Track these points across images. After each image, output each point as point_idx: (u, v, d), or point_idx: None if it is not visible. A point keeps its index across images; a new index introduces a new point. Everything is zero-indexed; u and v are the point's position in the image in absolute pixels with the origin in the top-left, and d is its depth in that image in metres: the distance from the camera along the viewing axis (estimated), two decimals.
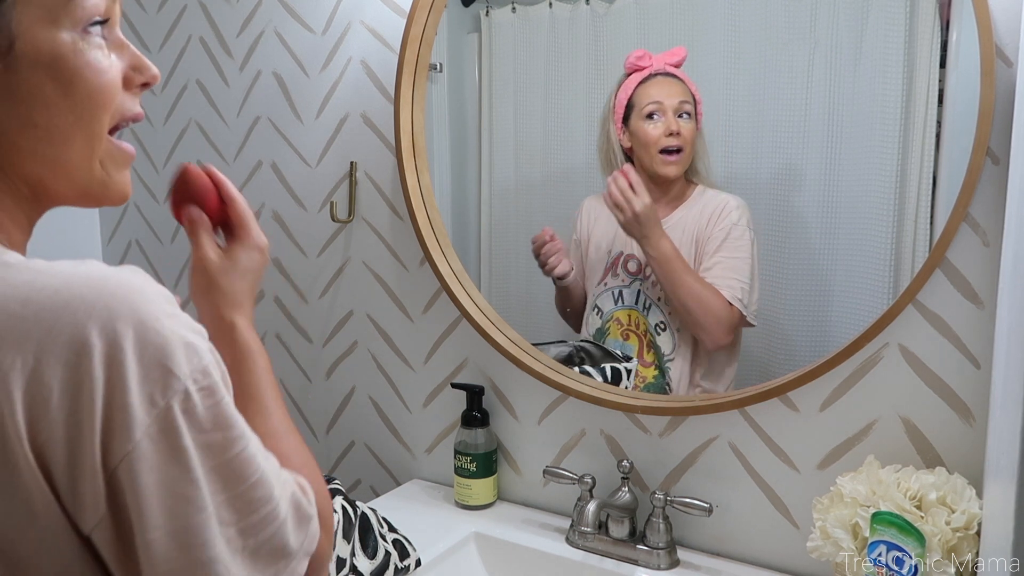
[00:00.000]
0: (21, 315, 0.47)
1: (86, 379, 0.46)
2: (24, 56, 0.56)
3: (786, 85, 1.14)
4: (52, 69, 0.57)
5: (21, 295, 0.48)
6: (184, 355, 0.50)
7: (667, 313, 1.25)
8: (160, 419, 0.48)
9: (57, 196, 0.62)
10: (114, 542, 0.49)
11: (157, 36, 1.69)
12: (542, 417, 1.32)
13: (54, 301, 0.47)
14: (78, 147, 0.60)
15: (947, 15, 1.02)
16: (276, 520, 0.55)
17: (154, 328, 0.49)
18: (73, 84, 0.58)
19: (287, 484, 0.58)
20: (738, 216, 1.20)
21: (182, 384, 0.49)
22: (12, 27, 0.55)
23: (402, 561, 1.13)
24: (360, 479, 1.57)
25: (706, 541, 1.20)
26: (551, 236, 1.33)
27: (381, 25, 1.40)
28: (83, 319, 0.47)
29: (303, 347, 1.60)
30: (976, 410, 1.01)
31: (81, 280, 0.49)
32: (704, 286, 1.20)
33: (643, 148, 1.22)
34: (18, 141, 0.58)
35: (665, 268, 1.21)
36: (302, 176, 1.54)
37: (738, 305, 1.19)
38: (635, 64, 1.22)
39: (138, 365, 0.48)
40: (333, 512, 0.62)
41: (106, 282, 0.49)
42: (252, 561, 0.53)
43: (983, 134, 0.94)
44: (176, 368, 0.49)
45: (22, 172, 0.59)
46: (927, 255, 1.01)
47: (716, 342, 1.22)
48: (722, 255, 1.21)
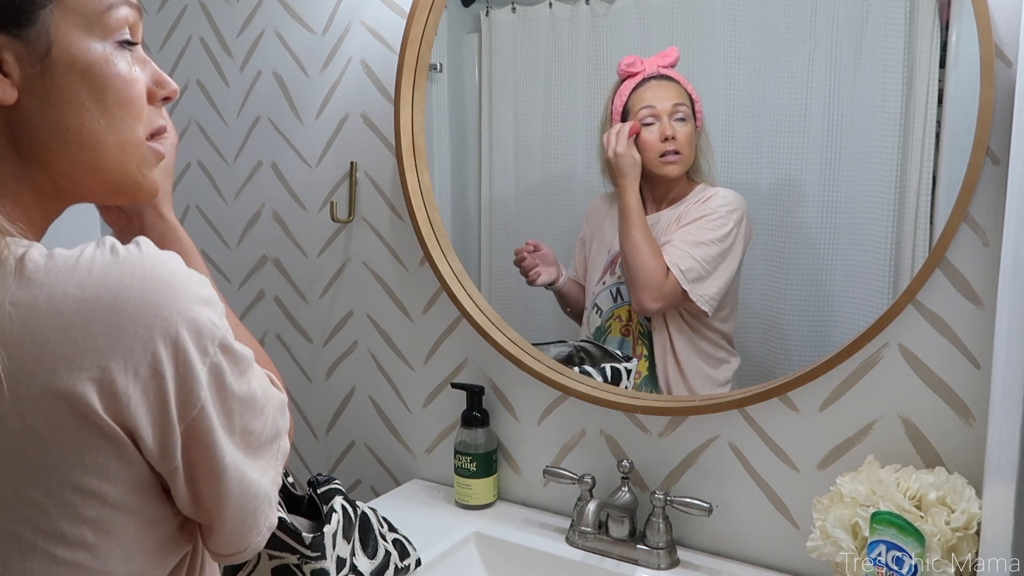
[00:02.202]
0: (86, 322, 0.54)
1: (163, 377, 0.56)
2: (60, 61, 0.60)
3: (786, 85, 1.14)
4: (86, 76, 0.61)
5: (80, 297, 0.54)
6: (215, 321, 0.60)
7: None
8: (211, 370, 0.59)
9: (86, 193, 0.66)
10: (187, 484, 0.60)
11: (157, 36, 1.69)
12: (542, 417, 1.33)
13: (116, 313, 0.55)
14: (112, 152, 0.64)
15: (947, 15, 1.02)
16: (269, 416, 0.66)
17: (197, 319, 0.58)
18: (104, 92, 0.62)
19: (269, 383, 0.69)
20: (720, 204, 1.21)
21: (217, 341, 0.59)
22: (51, 32, 0.59)
23: (402, 561, 1.13)
24: (360, 479, 1.57)
25: (706, 541, 1.20)
26: (534, 247, 1.35)
27: (381, 25, 1.40)
28: (147, 333, 0.55)
29: (303, 347, 1.60)
30: (976, 410, 1.01)
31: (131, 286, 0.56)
32: (650, 246, 1.22)
33: (642, 153, 1.23)
34: (49, 143, 0.61)
35: (623, 218, 1.24)
36: (302, 176, 1.54)
37: (675, 273, 1.20)
38: (626, 70, 1.22)
39: (195, 349, 0.58)
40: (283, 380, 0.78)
41: (152, 287, 0.56)
42: (262, 453, 0.66)
43: (983, 134, 0.94)
44: (215, 332, 0.59)
45: (50, 172, 0.62)
46: (927, 255, 1.01)
47: (641, 303, 1.24)
48: (688, 230, 1.22)
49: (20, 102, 0.59)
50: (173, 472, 0.59)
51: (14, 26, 0.58)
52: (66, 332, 0.53)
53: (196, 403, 0.58)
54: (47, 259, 0.55)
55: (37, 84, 0.59)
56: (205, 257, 1.70)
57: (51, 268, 0.55)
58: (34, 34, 0.58)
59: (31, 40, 0.58)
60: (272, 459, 0.68)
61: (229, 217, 1.66)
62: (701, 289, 1.20)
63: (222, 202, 1.66)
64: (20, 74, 0.58)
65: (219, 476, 0.61)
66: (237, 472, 0.63)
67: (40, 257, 0.55)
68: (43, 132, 0.60)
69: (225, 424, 0.61)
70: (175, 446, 0.58)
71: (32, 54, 0.58)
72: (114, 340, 0.54)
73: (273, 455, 0.68)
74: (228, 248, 1.67)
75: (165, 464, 0.59)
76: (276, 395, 0.69)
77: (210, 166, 1.67)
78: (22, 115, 0.60)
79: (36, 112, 0.60)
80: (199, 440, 0.59)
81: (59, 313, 0.53)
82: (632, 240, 1.23)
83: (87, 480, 0.56)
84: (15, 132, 0.60)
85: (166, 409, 0.57)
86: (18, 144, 0.61)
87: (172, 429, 0.57)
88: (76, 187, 0.64)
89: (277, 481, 0.69)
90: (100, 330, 0.54)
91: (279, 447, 0.69)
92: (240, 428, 0.63)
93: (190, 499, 0.61)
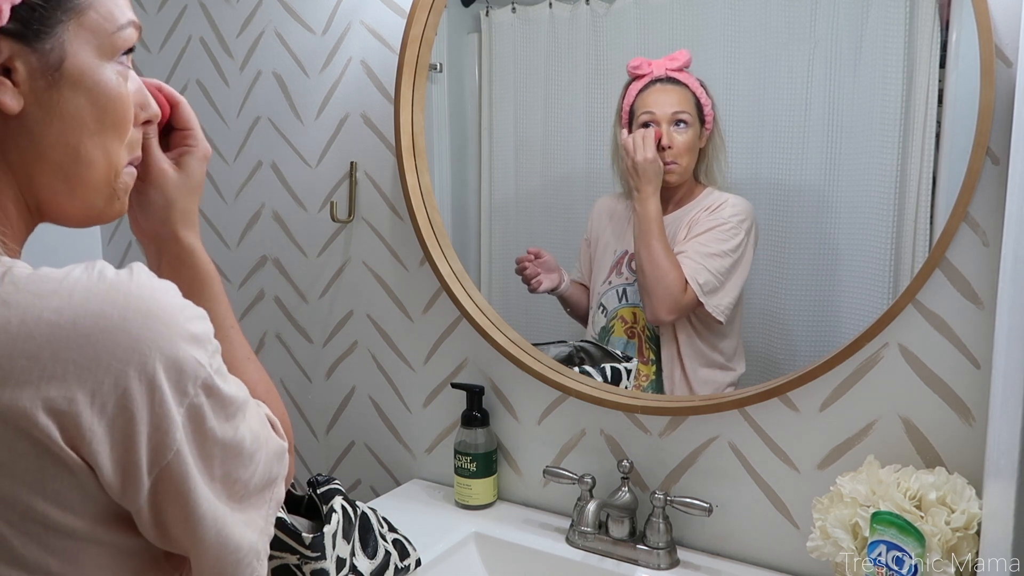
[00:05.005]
0: (56, 350, 0.52)
1: (132, 416, 0.53)
2: (70, 77, 0.59)
3: (786, 85, 1.14)
4: (91, 94, 0.60)
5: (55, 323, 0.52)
6: (200, 360, 0.56)
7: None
8: (190, 413, 0.56)
9: (60, 212, 0.64)
10: (154, 525, 0.57)
11: (157, 36, 1.69)
12: (542, 417, 1.33)
13: (91, 342, 0.52)
14: (99, 170, 0.62)
15: (947, 15, 1.02)
16: (260, 464, 0.63)
17: (178, 356, 0.55)
18: (106, 112, 0.61)
19: (267, 427, 0.66)
20: (731, 214, 1.20)
21: (200, 381, 0.56)
22: (65, 47, 0.59)
23: (402, 561, 1.13)
24: (360, 479, 1.57)
25: (706, 541, 1.20)
26: (535, 255, 1.35)
27: (381, 25, 1.40)
28: (120, 367, 0.52)
29: (303, 347, 1.60)
30: (976, 410, 1.01)
31: (111, 314, 0.53)
32: (669, 257, 1.21)
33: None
34: (46, 155, 0.60)
35: (642, 226, 1.22)
36: (302, 176, 1.54)
37: (694, 287, 1.19)
38: (633, 72, 1.22)
39: (173, 389, 0.55)
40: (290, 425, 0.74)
41: (134, 318, 0.53)
42: (249, 502, 0.63)
43: (983, 134, 0.94)
44: (198, 372, 0.56)
45: (36, 185, 0.61)
46: (927, 255, 1.01)
47: (655, 315, 1.24)
48: (701, 240, 1.21)
49: (24, 112, 0.58)
50: (137, 512, 0.57)
51: (31, 37, 0.57)
52: (34, 358, 0.51)
53: (171, 446, 0.55)
54: (30, 278, 0.54)
55: (44, 97, 0.58)
56: None
57: (31, 289, 0.53)
58: (48, 47, 0.58)
59: (45, 53, 0.58)
60: (263, 508, 0.64)
61: (229, 217, 1.66)
62: (716, 300, 1.20)
63: (222, 202, 1.66)
64: (29, 85, 0.58)
65: (194, 525, 0.58)
66: (215, 522, 0.59)
67: (22, 276, 0.54)
68: (43, 145, 0.59)
69: (204, 470, 0.58)
70: (140, 488, 0.55)
71: (44, 66, 0.58)
72: (83, 371, 0.52)
73: (264, 504, 0.64)
74: (228, 248, 1.67)
75: (127, 503, 0.56)
76: (272, 440, 0.65)
77: (210, 166, 1.65)
78: (23, 126, 0.59)
79: (39, 124, 0.59)
80: (172, 486, 0.56)
81: (30, 338, 0.51)
82: (652, 250, 1.22)
83: (50, 511, 0.54)
84: (9, 142, 0.59)
85: (132, 449, 0.54)
86: (9, 154, 0.59)
87: (138, 471, 0.55)
88: (55, 203, 0.62)
89: (268, 532, 0.65)
90: (70, 358, 0.52)
91: (272, 496, 0.65)
92: (222, 475, 0.60)
93: (158, 537, 0.59)
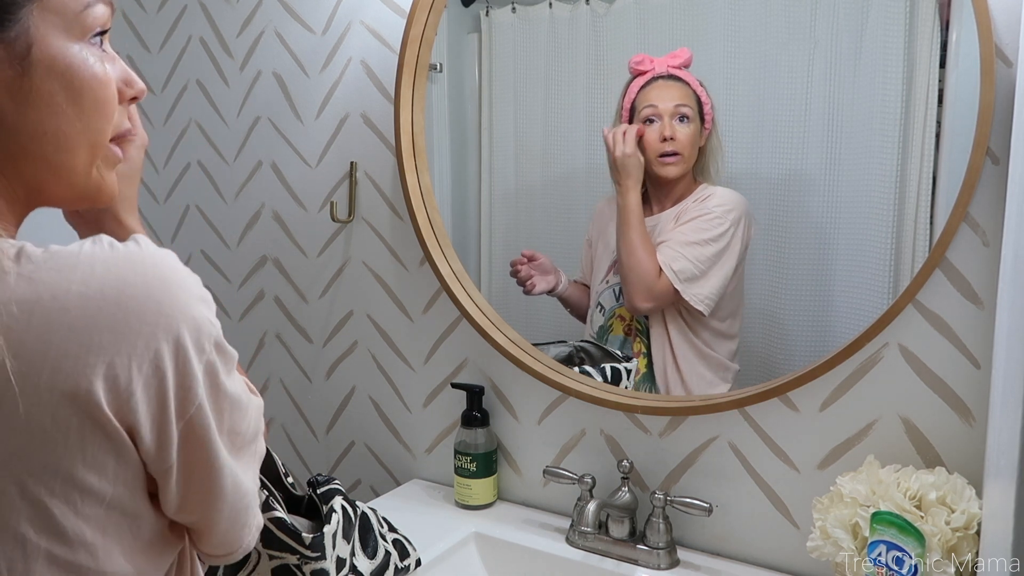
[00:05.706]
0: (92, 319, 0.54)
1: (164, 375, 0.57)
2: (40, 63, 0.58)
3: (786, 85, 1.14)
4: (64, 78, 0.59)
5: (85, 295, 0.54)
6: (211, 319, 0.60)
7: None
8: (207, 369, 0.60)
9: (53, 198, 0.64)
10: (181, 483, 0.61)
11: (157, 36, 1.69)
12: (542, 417, 1.33)
13: (121, 309, 0.55)
14: (82, 154, 0.62)
15: (947, 15, 1.02)
16: (252, 417, 0.67)
17: (196, 317, 0.58)
18: (82, 94, 0.60)
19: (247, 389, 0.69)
20: (716, 204, 1.21)
21: (213, 339, 0.60)
22: (31, 32, 0.57)
23: (402, 561, 1.13)
24: (360, 479, 1.57)
25: (706, 541, 1.20)
26: (530, 257, 1.35)
27: (381, 25, 1.40)
28: (151, 330, 0.56)
29: (303, 347, 1.60)
30: (976, 410, 1.01)
31: (135, 282, 0.56)
32: (645, 246, 1.22)
33: (643, 151, 1.23)
34: (27, 145, 0.59)
35: (621, 216, 1.24)
36: (302, 176, 1.54)
37: (668, 273, 1.20)
38: (636, 68, 1.23)
39: (194, 347, 0.58)
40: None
41: (155, 284, 0.57)
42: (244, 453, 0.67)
43: (983, 134, 0.94)
44: (211, 331, 0.60)
45: (23, 175, 0.61)
46: (927, 255, 1.01)
47: (632, 303, 1.25)
48: (682, 230, 1.22)
49: None
50: (167, 472, 0.60)
51: None
52: (72, 329, 0.53)
53: (194, 401, 0.59)
54: (45, 255, 0.55)
55: (15, 86, 0.57)
56: (205, 257, 1.70)
57: (51, 265, 0.54)
58: (14, 35, 0.56)
59: (11, 41, 0.56)
60: (252, 459, 0.68)
61: (229, 217, 1.66)
62: (695, 289, 1.20)
63: (222, 202, 1.66)
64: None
65: (215, 474, 0.62)
66: (231, 471, 0.63)
67: (38, 253, 0.55)
68: (21, 136, 0.58)
69: (218, 423, 0.61)
70: (171, 444, 0.58)
71: (11, 56, 0.56)
72: (119, 337, 0.54)
73: (252, 455, 0.68)
74: (228, 248, 1.67)
75: (160, 463, 0.59)
76: (255, 397, 0.69)
77: (210, 166, 1.67)
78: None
79: (13, 114, 0.58)
80: (196, 438, 0.60)
81: (65, 310, 0.53)
82: (628, 240, 1.23)
83: (88, 477, 0.56)
84: None
85: (165, 407, 0.57)
86: None
87: (170, 427, 0.58)
88: (45, 191, 0.62)
89: (256, 481, 0.70)
90: (106, 326, 0.54)
91: (256, 449, 0.69)
92: (229, 427, 0.63)
93: (179, 499, 0.62)
